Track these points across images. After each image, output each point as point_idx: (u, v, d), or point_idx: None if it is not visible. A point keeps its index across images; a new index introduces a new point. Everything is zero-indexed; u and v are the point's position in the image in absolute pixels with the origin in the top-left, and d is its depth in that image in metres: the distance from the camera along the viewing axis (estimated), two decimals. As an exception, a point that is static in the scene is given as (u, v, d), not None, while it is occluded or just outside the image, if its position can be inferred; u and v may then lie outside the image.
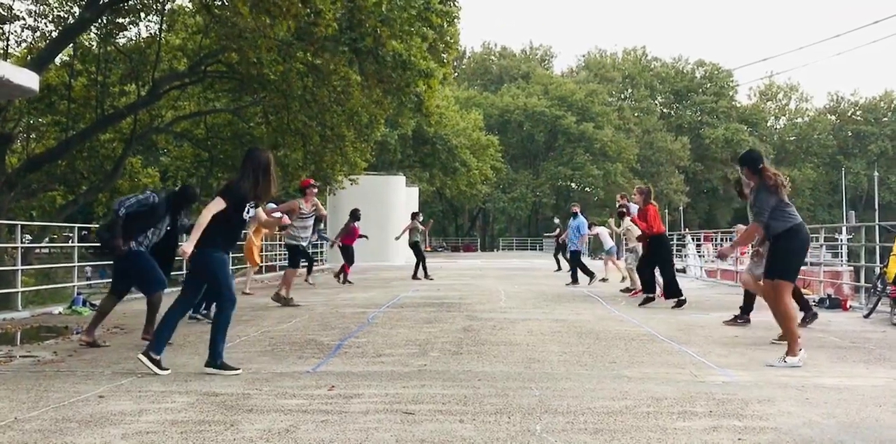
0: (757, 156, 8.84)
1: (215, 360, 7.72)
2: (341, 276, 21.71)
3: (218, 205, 7.61)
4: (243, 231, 8.14)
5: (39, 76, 16.88)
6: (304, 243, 15.44)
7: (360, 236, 21.87)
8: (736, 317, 12.00)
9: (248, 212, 7.89)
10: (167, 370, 7.70)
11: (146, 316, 9.73)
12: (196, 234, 7.59)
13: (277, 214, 11.08)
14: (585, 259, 23.07)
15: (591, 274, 20.89)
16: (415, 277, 23.34)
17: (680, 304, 14.82)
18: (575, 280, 21.05)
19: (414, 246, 23.84)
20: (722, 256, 10.37)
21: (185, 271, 11.45)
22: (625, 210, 18.19)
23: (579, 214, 21.67)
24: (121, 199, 9.67)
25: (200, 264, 7.83)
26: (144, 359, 7.66)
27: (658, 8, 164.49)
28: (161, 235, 9.84)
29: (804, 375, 7.65)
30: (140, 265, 9.60)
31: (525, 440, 5.17)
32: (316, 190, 15.87)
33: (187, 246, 7.57)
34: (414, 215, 24.48)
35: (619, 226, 19.27)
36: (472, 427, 5.51)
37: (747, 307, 11.96)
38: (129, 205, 9.42)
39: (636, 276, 17.09)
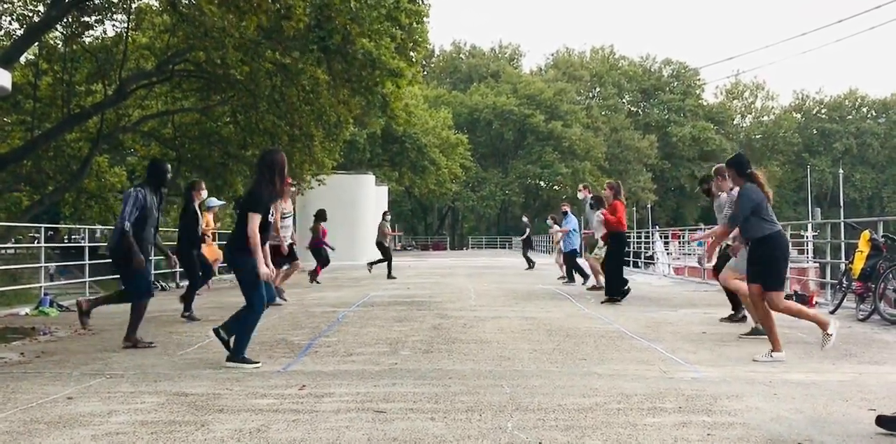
0: (745, 160, 8.86)
1: (237, 354, 8.04)
2: (312, 275, 21.67)
3: (257, 220, 7.95)
4: (268, 230, 8.39)
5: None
6: (289, 242, 15.27)
7: (325, 244, 21.49)
8: (731, 315, 11.98)
9: (271, 214, 8.28)
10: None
11: (130, 321, 9.63)
12: (259, 255, 7.95)
13: (288, 225, 11.13)
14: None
15: (584, 276, 20.48)
16: (389, 276, 23.26)
17: (612, 301, 14.92)
18: (572, 279, 20.96)
19: (379, 246, 23.80)
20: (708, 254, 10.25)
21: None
22: (593, 202, 17.85)
23: (569, 212, 21.56)
24: (121, 214, 9.58)
25: (237, 268, 8.23)
26: (231, 364, 7.99)
27: (625, 7, 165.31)
28: (157, 221, 9.91)
29: (772, 370, 7.72)
30: (133, 274, 9.61)
31: (496, 438, 5.19)
32: (294, 188, 15.85)
33: (262, 267, 7.97)
34: (384, 215, 24.51)
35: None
36: (444, 425, 5.52)
37: (735, 302, 11.90)
38: (131, 214, 9.46)
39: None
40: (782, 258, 8.62)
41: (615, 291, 15.12)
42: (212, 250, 17.53)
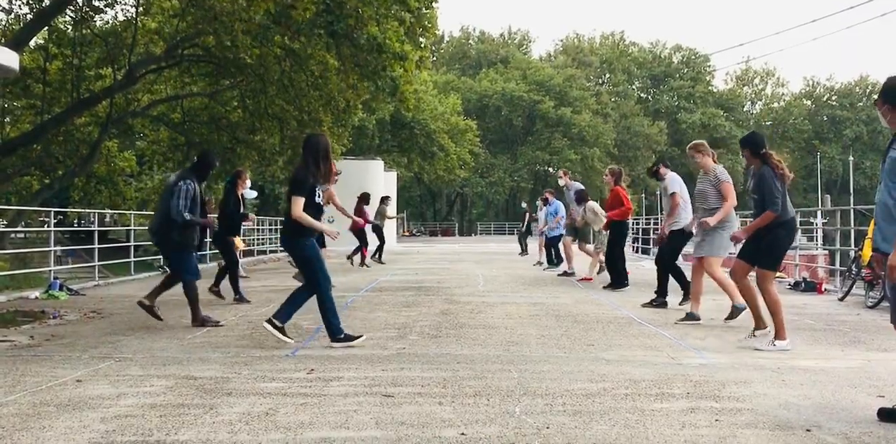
0: (759, 139, 8.77)
1: (336, 335, 8.29)
2: (354, 258, 21.98)
3: (300, 203, 8.12)
4: (322, 213, 8.54)
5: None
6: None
7: (368, 222, 21.93)
8: (653, 300, 12.06)
9: (318, 195, 8.38)
10: (291, 338, 8.31)
11: (189, 304, 10.00)
12: (317, 225, 8.27)
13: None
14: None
15: (558, 262, 20.54)
16: (377, 258, 23.31)
17: (614, 287, 14.94)
18: (550, 262, 20.96)
19: (376, 230, 23.87)
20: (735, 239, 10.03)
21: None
22: (577, 197, 17.82)
23: (554, 199, 21.52)
24: (174, 207, 9.71)
25: (294, 251, 8.49)
26: (269, 326, 8.26)
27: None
28: (199, 207, 10.08)
29: (780, 357, 7.72)
30: (177, 263, 10.10)
31: (504, 422, 5.20)
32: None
33: (327, 228, 8.59)
34: (384, 200, 24.59)
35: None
36: (452, 410, 5.53)
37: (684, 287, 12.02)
38: (185, 205, 9.71)
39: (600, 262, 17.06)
40: (786, 242, 8.60)
41: (620, 278, 15.08)
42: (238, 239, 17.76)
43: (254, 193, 17.78)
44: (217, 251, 13.97)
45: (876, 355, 7.95)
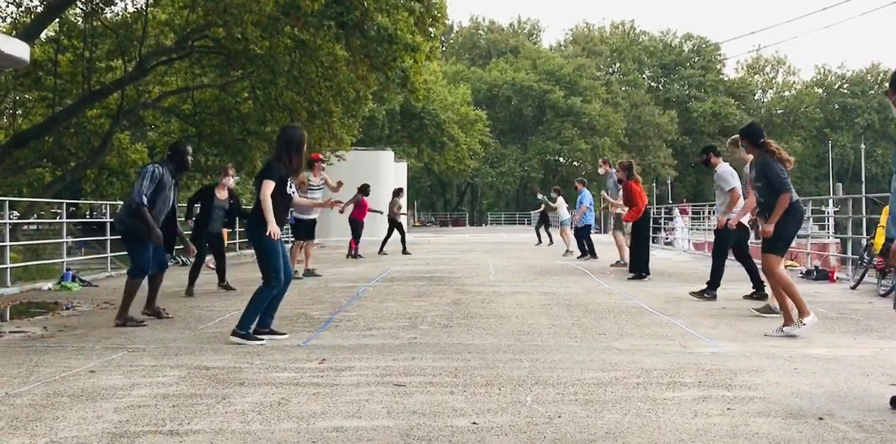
0: (758, 129, 8.80)
1: (241, 328, 8.05)
2: (351, 251, 22.05)
3: (269, 186, 8.00)
4: (290, 204, 8.53)
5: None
6: (313, 217, 15.43)
7: (372, 211, 21.99)
8: (753, 293, 11.86)
9: (290, 187, 8.30)
10: (262, 339, 8.04)
11: (122, 299, 9.60)
12: (269, 216, 7.95)
13: (317, 197, 11.18)
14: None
15: (592, 253, 20.59)
16: (404, 251, 23.34)
17: (638, 277, 14.88)
18: (584, 253, 20.97)
19: (391, 221, 23.89)
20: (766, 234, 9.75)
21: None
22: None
23: (583, 188, 21.48)
24: (136, 188, 9.53)
25: (254, 242, 8.21)
26: (235, 339, 7.98)
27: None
28: (171, 201, 9.83)
29: (792, 345, 7.71)
30: (133, 252, 9.60)
31: (515, 411, 5.20)
32: (324, 164, 16.12)
33: (273, 227, 7.97)
34: (397, 192, 24.58)
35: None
36: (463, 399, 5.54)
37: (756, 280, 11.78)
38: (146, 189, 9.38)
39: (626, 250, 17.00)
40: (793, 226, 8.60)
41: (642, 267, 15.07)
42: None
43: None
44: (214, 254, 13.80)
45: (888, 343, 7.94)
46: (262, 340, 8.00)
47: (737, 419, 5.04)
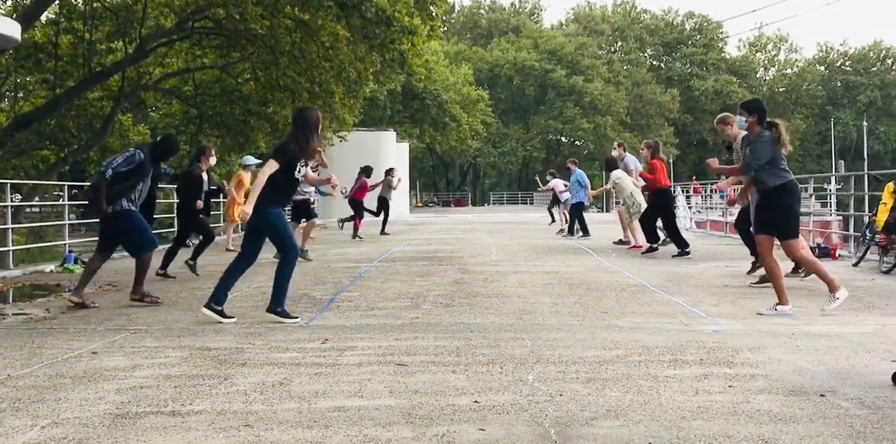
0: (763, 106, 8.82)
1: (276, 307, 8.09)
2: (345, 224, 22.19)
3: (272, 167, 7.97)
4: (297, 188, 8.55)
5: (25, 33, 16.73)
6: (304, 197, 15.40)
7: (372, 188, 22.23)
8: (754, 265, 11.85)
9: (299, 170, 8.21)
10: (233, 317, 8.07)
11: (135, 276, 9.63)
12: (254, 195, 7.95)
13: (325, 174, 11.15)
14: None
15: (584, 231, 20.84)
16: (382, 232, 23.41)
17: (682, 254, 14.94)
18: (571, 232, 21.19)
19: (381, 201, 23.90)
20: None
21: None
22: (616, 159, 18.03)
23: (576, 168, 21.69)
24: (108, 159, 9.55)
25: (262, 221, 8.11)
26: (207, 311, 8.02)
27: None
28: (147, 190, 9.75)
29: (794, 323, 7.71)
30: (128, 227, 9.49)
31: (517, 390, 5.21)
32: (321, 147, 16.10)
33: (247, 207, 7.96)
34: (389, 171, 24.59)
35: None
36: (465, 378, 5.55)
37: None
38: (117, 165, 9.30)
39: (637, 229, 17.09)
40: (796, 207, 8.62)
41: (683, 244, 15.19)
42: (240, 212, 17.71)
43: (256, 160, 17.84)
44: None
45: (890, 320, 7.94)
46: (297, 318, 8.08)
47: (738, 396, 5.04)
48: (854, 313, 8.31)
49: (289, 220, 10.99)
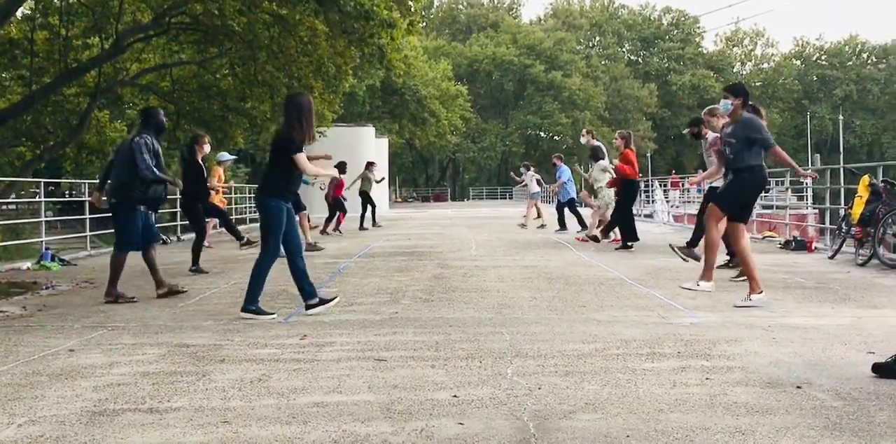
0: (748, 89, 8.89)
1: (249, 305, 8.01)
2: (333, 226, 22.15)
3: (303, 159, 8.03)
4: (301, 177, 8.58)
5: (1, 29, 16.59)
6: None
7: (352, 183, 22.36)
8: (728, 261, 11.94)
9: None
10: (272, 313, 8.04)
11: (109, 275, 9.60)
12: (322, 171, 8.62)
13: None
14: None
15: (582, 224, 20.64)
16: (361, 227, 23.47)
17: (625, 247, 15.14)
18: (564, 227, 21.22)
19: (363, 195, 23.94)
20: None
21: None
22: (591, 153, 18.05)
23: (561, 164, 21.73)
24: (138, 161, 9.37)
25: (261, 210, 8.14)
26: (246, 315, 7.96)
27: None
28: (162, 168, 9.77)
29: (771, 315, 7.75)
30: (123, 221, 9.52)
31: (496, 384, 5.22)
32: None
33: (330, 171, 7.95)
34: (369, 165, 24.63)
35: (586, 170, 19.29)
36: (444, 372, 5.55)
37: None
38: (150, 161, 9.40)
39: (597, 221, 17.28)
40: (753, 189, 8.71)
41: (631, 237, 15.31)
42: (221, 201, 17.73)
43: (232, 157, 17.74)
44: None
45: (866, 311, 7.99)
46: (273, 314, 8.01)
47: (715, 388, 5.06)
48: (830, 306, 8.36)
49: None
